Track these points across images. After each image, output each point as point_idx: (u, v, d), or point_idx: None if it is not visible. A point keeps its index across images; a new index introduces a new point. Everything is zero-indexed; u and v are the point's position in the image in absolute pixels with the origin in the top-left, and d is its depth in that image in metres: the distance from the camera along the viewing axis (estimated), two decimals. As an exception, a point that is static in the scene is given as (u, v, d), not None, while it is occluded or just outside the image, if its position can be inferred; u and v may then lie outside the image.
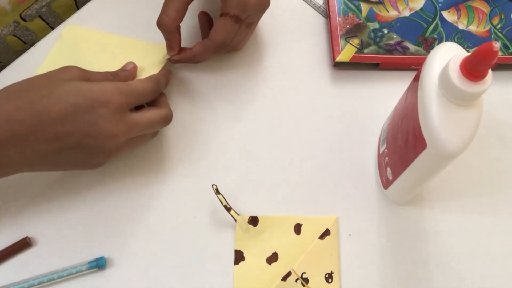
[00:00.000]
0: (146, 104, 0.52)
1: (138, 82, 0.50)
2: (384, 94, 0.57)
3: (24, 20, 0.60)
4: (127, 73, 0.52)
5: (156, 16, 0.51)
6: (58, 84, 0.45)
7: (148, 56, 0.55)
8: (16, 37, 0.62)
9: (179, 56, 0.54)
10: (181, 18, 0.51)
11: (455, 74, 0.36)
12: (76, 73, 0.47)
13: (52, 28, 0.61)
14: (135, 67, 0.53)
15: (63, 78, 0.46)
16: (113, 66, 0.53)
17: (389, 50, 0.58)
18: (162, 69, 0.54)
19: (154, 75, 0.52)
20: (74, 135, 0.44)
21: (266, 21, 0.61)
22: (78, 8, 0.62)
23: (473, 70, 0.35)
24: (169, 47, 0.53)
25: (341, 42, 0.58)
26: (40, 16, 0.62)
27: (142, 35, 0.58)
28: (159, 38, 0.53)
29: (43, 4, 0.61)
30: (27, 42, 0.60)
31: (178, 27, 0.52)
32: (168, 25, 0.51)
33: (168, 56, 0.54)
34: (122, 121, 0.46)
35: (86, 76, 0.47)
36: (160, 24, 0.51)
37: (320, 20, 0.62)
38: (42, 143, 0.43)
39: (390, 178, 0.49)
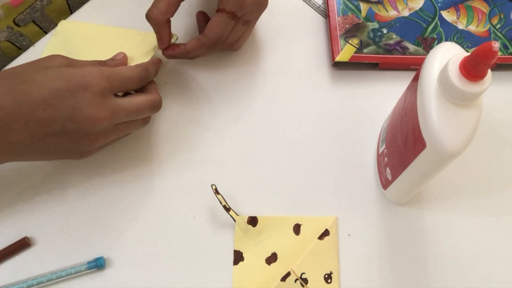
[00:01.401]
0: (135, 92, 0.51)
1: (124, 68, 0.49)
2: (383, 94, 0.57)
3: (18, 26, 0.60)
4: (116, 62, 0.52)
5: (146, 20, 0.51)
6: (41, 71, 0.45)
7: (142, 45, 0.55)
8: (10, 42, 0.61)
9: (173, 52, 0.54)
10: (171, 13, 0.51)
11: (454, 74, 0.36)
12: (61, 60, 0.46)
13: (46, 33, 0.61)
14: (125, 57, 0.52)
15: (47, 65, 0.45)
16: (105, 57, 0.53)
17: (389, 50, 0.58)
18: (152, 58, 0.53)
19: (143, 63, 0.51)
20: (56, 121, 0.43)
21: (266, 21, 0.61)
22: (71, 13, 0.62)
23: (472, 70, 0.35)
24: (159, 40, 0.53)
25: (341, 42, 0.58)
26: (33, 21, 0.61)
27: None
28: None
29: (37, 9, 0.61)
30: (21, 48, 0.60)
31: (168, 21, 0.52)
32: (156, 18, 0.50)
33: (159, 48, 0.54)
34: (105, 105, 0.45)
35: (71, 63, 0.47)
36: (149, 16, 0.50)
37: (319, 20, 0.62)
38: (24, 130, 0.43)
39: (390, 178, 0.49)
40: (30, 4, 0.60)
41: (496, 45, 0.32)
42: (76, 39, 0.57)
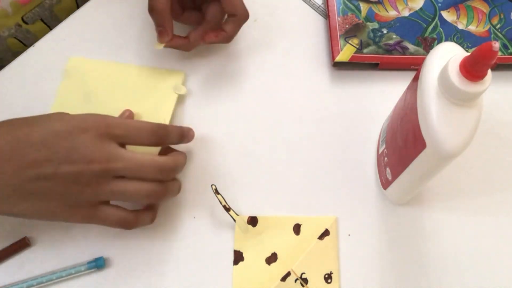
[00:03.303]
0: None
1: (135, 120, 0.47)
2: (383, 94, 0.57)
3: (26, 23, 0.60)
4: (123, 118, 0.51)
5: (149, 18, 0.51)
6: (45, 118, 0.44)
7: (159, 84, 0.56)
8: (17, 39, 0.61)
9: (175, 43, 0.54)
10: (171, 2, 0.51)
11: (454, 74, 0.36)
12: (67, 115, 0.45)
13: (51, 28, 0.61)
14: (131, 114, 0.52)
15: (52, 116, 0.45)
16: (124, 98, 0.54)
17: (389, 50, 0.58)
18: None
19: (164, 123, 0.48)
20: (51, 161, 0.42)
21: (266, 21, 0.61)
22: None
23: (472, 70, 0.35)
24: (162, 33, 0.52)
25: (340, 42, 0.58)
26: (41, 19, 0.61)
27: (140, 32, 0.58)
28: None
29: (46, 8, 0.61)
30: (27, 45, 0.60)
31: (170, 11, 0.51)
32: (161, 9, 0.50)
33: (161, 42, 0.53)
34: (102, 148, 0.43)
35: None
36: (152, 9, 0.50)
37: (319, 20, 0.62)
38: (16, 170, 0.41)
39: (390, 178, 0.49)
40: (39, 3, 0.60)
41: (496, 45, 0.32)
42: (91, 78, 0.56)
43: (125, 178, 0.44)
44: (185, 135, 0.50)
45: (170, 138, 0.48)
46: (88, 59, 0.58)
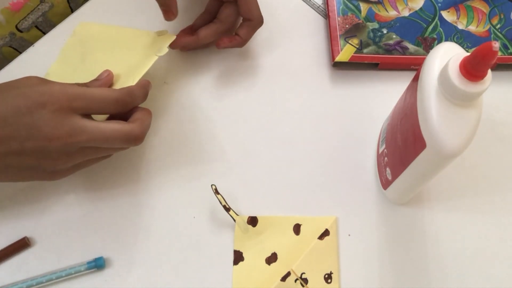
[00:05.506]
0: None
1: (98, 88, 0.46)
2: (383, 94, 0.57)
3: (20, 31, 0.60)
4: (100, 82, 0.49)
5: (148, 19, 0.51)
6: (8, 90, 0.43)
7: (150, 46, 0.54)
8: (13, 48, 0.61)
9: (185, 40, 0.54)
10: None
11: (454, 74, 0.36)
12: (34, 81, 0.44)
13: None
14: (109, 75, 0.50)
15: (17, 85, 0.44)
16: (114, 59, 0.53)
17: (389, 50, 0.58)
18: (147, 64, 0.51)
19: (129, 86, 0.47)
20: (15, 139, 0.42)
21: (266, 21, 0.61)
22: None
23: (472, 70, 0.35)
24: (167, 12, 0.51)
25: (340, 42, 0.58)
26: (36, 26, 0.61)
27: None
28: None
29: (39, 14, 0.60)
30: (23, 52, 0.60)
31: None
32: None
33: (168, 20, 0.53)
34: (62, 124, 0.42)
35: (45, 83, 0.45)
36: None
37: (319, 20, 0.62)
38: None
39: (390, 178, 0.49)
40: (32, 9, 0.59)
41: (496, 45, 0.32)
42: (92, 40, 0.56)
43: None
44: (147, 90, 0.49)
45: (135, 102, 0.47)
46: (96, 23, 0.58)
